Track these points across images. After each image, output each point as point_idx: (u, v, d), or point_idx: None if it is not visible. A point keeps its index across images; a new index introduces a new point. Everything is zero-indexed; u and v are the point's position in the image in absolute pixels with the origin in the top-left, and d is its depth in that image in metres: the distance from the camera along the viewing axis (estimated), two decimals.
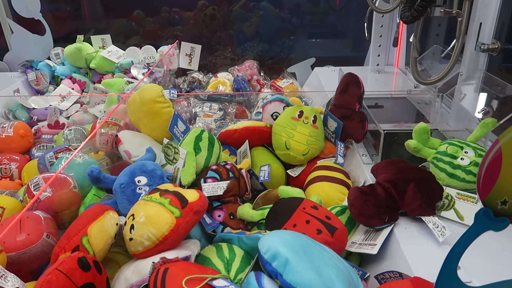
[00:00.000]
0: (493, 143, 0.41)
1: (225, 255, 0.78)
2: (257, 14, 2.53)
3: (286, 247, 0.65)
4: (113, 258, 0.83)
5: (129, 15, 2.60)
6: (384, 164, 0.93)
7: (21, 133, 1.31)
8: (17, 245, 0.79)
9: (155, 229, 0.72)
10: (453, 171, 0.91)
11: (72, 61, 2.04)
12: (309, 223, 0.81)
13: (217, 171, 0.99)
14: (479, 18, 1.13)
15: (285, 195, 0.95)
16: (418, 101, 1.36)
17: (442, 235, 0.77)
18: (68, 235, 0.71)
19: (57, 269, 0.61)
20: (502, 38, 1.22)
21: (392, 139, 1.09)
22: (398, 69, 1.82)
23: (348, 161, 1.20)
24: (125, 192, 0.92)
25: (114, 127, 1.26)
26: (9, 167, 1.21)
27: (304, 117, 1.18)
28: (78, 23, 2.65)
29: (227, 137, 1.22)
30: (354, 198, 0.87)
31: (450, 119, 1.25)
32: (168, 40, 2.49)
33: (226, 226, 0.94)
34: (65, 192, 0.95)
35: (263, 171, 1.10)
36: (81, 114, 1.60)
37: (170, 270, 0.64)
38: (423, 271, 0.71)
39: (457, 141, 0.96)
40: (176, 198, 0.76)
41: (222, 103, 1.66)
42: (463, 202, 0.87)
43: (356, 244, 0.86)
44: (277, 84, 1.88)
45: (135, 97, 1.23)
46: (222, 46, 2.48)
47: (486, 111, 1.12)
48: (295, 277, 0.61)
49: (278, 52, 2.51)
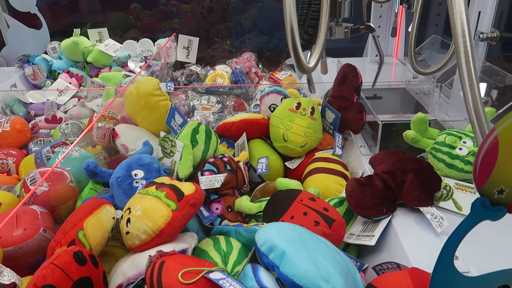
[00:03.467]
0: (489, 132, 0.40)
1: (222, 248, 0.77)
2: (255, 6, 2.51)
3: (283, 239, 0.65)
4: (110, 251, 0.83)
5: (127, 8, 2.58)
6: (382, 155, 0.93)
7: (18, 128, 1.31)
8: (14, 239, 0.78)
9: (151, 222, 0.72)
10: (451, 161, 0.90)
11: (69, 55, 2.03)
12: (306, 215, 0.80)
13: (214, 164, 0.99)
14: (478, 6, 1.11)
15: (283, 187, 0.95)
16: (417, 91, 1.36)
17: (440, 226, 0.77)
18: (64, 229, 0.71)
19: (52, 263, 0.61)
20: (501, 27, 1.21)
21: (391, 130, 1.09)
22: (397, 59, 1.80)
23: (346, 153, 1.19)
24: (122, 186, 0.92)
25: (111, 121, 1.26)
26: (6, 162, 1.21)
27: (301, 109, 1.17)
28: (74, 16, 2.63)
29: (225, 129, 1.22)
30: (352, 189, 0.87)
31: (448, 109, 1.24)
32: (166, 33, 2.47)
33: (224, 219, 0.94)
34: (62, 187, 0.95)
35: (261, 164, 1.09)
36: (78, 108, 1.60)
37: (167, 263, 0.63)
38: (421, 262, 0.71)
39: (455, 131, 0.95)
40: (172, 191, 0.75)
41: (220, 95, 1.65)
42: (461, 193, 0.86)
43: (354, 236, 0.85)
44: (276, 76, 1.86)
45: (131, 90, 1.22)
46: (220, 39, 2.46)
47: (485, 100, 1.11)
48: (292, 269, 0.61)
49: (277, 44, 2.49)
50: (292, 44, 0.60)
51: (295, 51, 0.61)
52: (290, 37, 0.59)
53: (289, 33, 0.59)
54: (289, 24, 0.59)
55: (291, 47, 0.60)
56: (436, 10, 1.71)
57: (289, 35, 0.59)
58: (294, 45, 0.60)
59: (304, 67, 0.67)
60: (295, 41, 0.60)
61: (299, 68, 0.67)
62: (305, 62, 0.66)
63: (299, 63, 0.64)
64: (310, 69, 0.69)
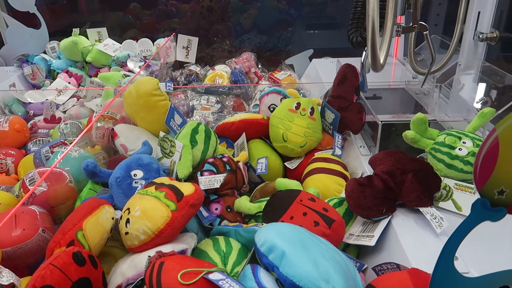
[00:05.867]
0: (490, 132, 0.40)
1: (222, 248, 0.77)
2: (254, 6, 2.51)
3: (283, 239, 0.65)
4: (109, 252, 0.83)
5: (126, 8, 2.57)
6: (382, 155, 0.93)
7: (16, 128, 1.30)
8: (13, 240, 0.78)
9: (150, 222, 0.72)
10: (451, 162, 0.90)
11: (68, 54, 2.02)
12: (306, 215, 0.80)
13: (214, 164, 0.98)
14: (478, 7, 1.11)
15: (282, 188, 0.94)
16: (417, 91, 1.36)
17: (440, 226, 0.77)
18: (63, 229, 0.71)
19: (51, 264, 0.61)
20: (500, 27, 1.21)
21: (390, 130, 1.09)
22: (397, 59, 1.80)
23: (346, 153, 1.19)
24: (121, 186, 0.92)
25: (110, 121, 1.25)
26: (5, 162, 1.21)
27: (301, 109, 1.17)
28: (74, 16, 2.63)
29: (224, 130, 1.22)
30: (352, 190, 0.86)
31: (448, 110, 1.24)
32: (165, 32, 2.46)
33: (223, 219, 0.94)
34: (61, 187, 0.95)
35: (261, 164, 1.09)
36: (77, 108, 1.59)
37: (166, 264, 0.63)
38: (420, 262, 0.71)
39: (455, 131, 0.95)
40: (171, 191, 0.75)
41: (220, 95, 1.65)
42: (461, 193, 0.86)
43: (354, 236, 0.85)
44: (275, 76, 1.86)
45: (131, 90, 1.22)
46: (220, 39, 2.46)
47: (485, 101, 1.11)
48: (291, 269, 0.60)
49: (276, 44, 2.49)
50: (372, 42, 0.58)
51: (373, 49, 0.60)
52: (370, 35, 0.58)
53: (370, 31, 0.58)
54: (371, 21, 0.58)
55: (370, 44, 0.58)
56: (436, 10, 1.71)
57: (369, 33, 0.57)
58: (373, 43, 0.59)
59: (378, 65, 0.66)
60: (375, 39, 0.58)
61: (374, 66, 0.66)
62: (380, 60, 0.65)
63: (375, 61, 0.63)
64: (382, 67, 0.68)
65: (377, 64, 0.65)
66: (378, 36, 0.59)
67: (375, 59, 0.62)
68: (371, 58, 0.62)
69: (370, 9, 0.56)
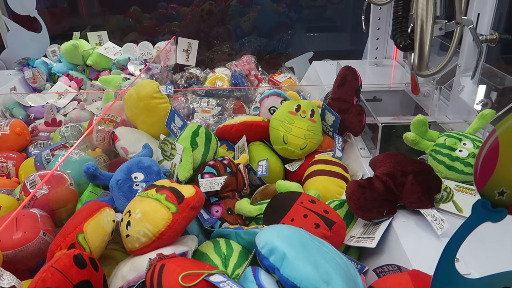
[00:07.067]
0: (489, 133, 0.40)
1: (223, 251, 0.77)
2: (254, 9, 2.52)
3: (283, 241, 0.64)
4: (110, 255, 0.83)
5: (126, 11, 2.58)
6: (382, 157, 0.93)
7: (17, 131, 1.31)
8: (14, 243, 0.78)
9: (151, 225, 0.72)
10: (451, 163, 0.90)
11: (69, 58, 2.03)
12: (307, 217, 0.80)
13: (214, 167, 0.99)
14: (477, 9, 1.12)
15: (283, 190, 0.94)
16: None
17: (441, 228, 0.77)
18: (63, 232, 0.71)
19: (52, 266, 0.61)
20: (500, 29, 1.21)
21: (390, 132, 1.09)
22: (397, 61, 1.80)
23: (346, 155, 1.19)
24: (121, 189, 0.92)
25: (111, 124, 1.26)
26: (5, 165, 1.21)
27: (301, 111, 1.17)
28: (74, 19, 2.64)
29: (225, 132, 1.22)
30: (352, 192, 0.86)
31: (448, 111, 1.24)
32: (165, 36, 2.47)
33: (224, 221, 0.94)
34: (62, 190, 0.95)
35: (261, 166, 1.09)
36: (78, 111, 1.60)
37: (167, 266, 0.63)
38: (421, 264, 0.71)
39: (455, 133, 0.95)
40: (172, 193, 0.75)
41: (220, 98, 1.65)
42: (462, 194, 0.86)
43: (355, 238, 0.85)
44: (275, 78, 1.87)
45: (131, 93, 1.22)
46: (220, 41, 2.47)
47: (485, 102, 1.11)
48: (292, 271, 0.60)
49: (276, 46, 2.50)
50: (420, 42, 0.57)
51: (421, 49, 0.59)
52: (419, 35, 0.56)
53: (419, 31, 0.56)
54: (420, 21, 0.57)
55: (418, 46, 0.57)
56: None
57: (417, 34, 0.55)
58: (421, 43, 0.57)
59: (424, 68, 0.66)
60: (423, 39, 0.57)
61: (421, 67, 0.64)
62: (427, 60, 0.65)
63: (422, 63, 0.62)
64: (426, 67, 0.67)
65: (423, 64, 0.64)
66: (428, 36, 0.58)
67: (422, 60, 0.62)
68: (418, 58, 0.61)
69: (420, 9, 0.56)
